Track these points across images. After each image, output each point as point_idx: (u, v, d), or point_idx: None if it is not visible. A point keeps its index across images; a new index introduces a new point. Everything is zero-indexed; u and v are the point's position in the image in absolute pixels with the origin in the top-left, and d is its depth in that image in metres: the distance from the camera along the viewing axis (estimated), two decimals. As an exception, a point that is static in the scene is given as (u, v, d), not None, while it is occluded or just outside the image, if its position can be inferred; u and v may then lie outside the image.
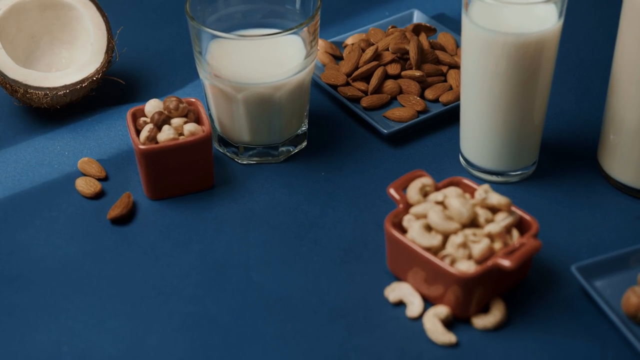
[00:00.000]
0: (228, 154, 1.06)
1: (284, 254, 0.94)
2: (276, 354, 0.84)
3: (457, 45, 1.18)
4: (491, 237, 0.86)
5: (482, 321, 0.86)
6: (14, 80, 1.06)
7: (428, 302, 0.88)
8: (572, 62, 1.19)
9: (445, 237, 0.87)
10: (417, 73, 1.12)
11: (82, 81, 1.08)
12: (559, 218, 0.97)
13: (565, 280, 0.90)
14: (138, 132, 0.99)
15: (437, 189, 0.92)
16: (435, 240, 0.86)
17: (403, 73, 1.13)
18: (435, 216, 0.87)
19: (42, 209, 0.99)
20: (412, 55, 1.13)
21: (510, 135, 0.99)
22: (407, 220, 0.89)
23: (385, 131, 1.06)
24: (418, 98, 1.11)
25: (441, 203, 0.89)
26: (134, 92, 1.15)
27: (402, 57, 1.14)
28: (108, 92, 1.15)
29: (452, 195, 0.89)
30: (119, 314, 0.88)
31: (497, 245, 0.86)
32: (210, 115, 1.05)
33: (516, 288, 0.90)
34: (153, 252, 0.94)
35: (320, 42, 1.18)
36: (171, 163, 0.98)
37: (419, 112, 1.10)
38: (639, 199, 0.99)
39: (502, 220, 0.88)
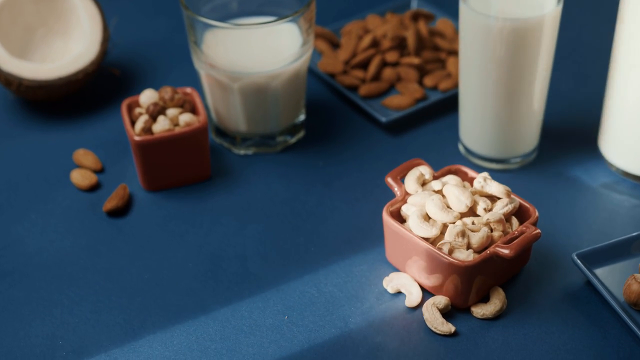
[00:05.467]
0: (225, 144, 1.05)
1: (281, 245, 0.93)
2: (273, 346, 0.83)
3: (456, 32, 1.17)
4: (490, 225, 0.85)
5: (481, 310, 0.85)
6: (8, 73, 1.05)
7: (427, 292, 0.87)
8: (571, 47, 1.18)
9: (444, 226, 0.86)
10: (416, 60, 1.11)
11: (77, 73, 1.07)
12: (560, 205, 0.96)
13: (565, 268, 0.90)
14: (133, 123, 0.98)
15: (435, 177, 0.91)
16: (433, 229, 0.85)
17: (401, 60, 1.12)
18: (433, 205, 0.86)
19: (38, 202, 0.98)
20: (411, 42, 1.12)
21: (509, 122, 0.98)
22: (405, 210, 0.88)
23: (384, 119, 1.05)
24: (417, 85, 1.10)
25: (439, 192, 0.88)
26: (129, 83, 1.14)
27: (400, 44, 1.13)
28: (103, 83, 1.14)
29: (450, 183, 0.88)
30: (114, 307, 0.87)
31: (496, 233, 0.85)
32: (206, 106, 1.04)
33: (516, 277, 0.89)
34: (149, 244, 0.93)
35: (317, 29, 1.17)
36: (167, 154, 0.97)
37: (418, 100, 1.09)
38: (640, 185, 0.98)
39: (501, 209, 0.87)
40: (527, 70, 0.94)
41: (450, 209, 0.86)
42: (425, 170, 0.90)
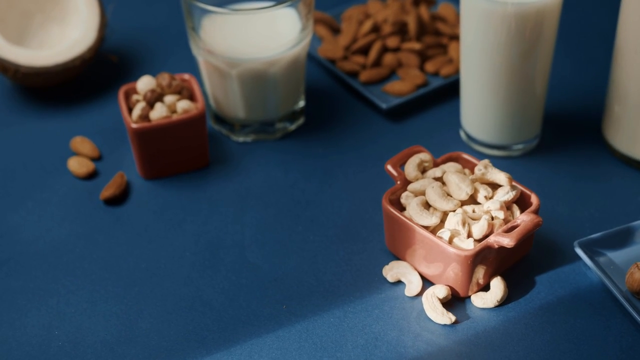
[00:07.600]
0: (223, 131, 1.04)
1: (280, 233, 0.92)
2: (271, 336, 0.82)
3: (458, 17, 1.16)
4: (491, 213, 0.84)
5: (481, 299, 0.84)
6: (5, 60, 1.04)
7: (427, 281, 0.86)
8: (574, 32, 1.17)
9: (444, 214, 0.85)
10: (417, 45, 1.10)
11: (74, 60, 1.06)
12: (562, 192, 0.95)
13: (568, 255, 0.89)
14: (131, 110, 0.97)
15: (436, 164, 0.89)
16: (433, 217, 0.84)
17: (402, 46, 1.10)
18: (433, 193, 0.85)
19: (34, 190, 0.97)
20: (412, 27, 1.10)
21: (511, 108, 0.96)
22: (405, 197, 0.87)
23: (385, 106, 1.04)
24: (418, 71, 1.08)
25: (440, 179, 0.87)
26: (127, 70, 1.13)
27: (401, 30, 1.11)
28: (101, 70, 1.13)
29: (451, 171, 0.87)
30: (111, 297, 0.86)
31: (497, 222, 0.84)
32: (204, 92, 1.03)
33: (517, 265, 0.88)
34: (146, 233, 0.92)
35: (317, 14, 1.16)
36: (165, 142, 0.96)
37: (419, 86, 1.08)
38: (644, 172, 0.97)
39: (502, 196, 0.85)
40: (529, 55, 0.93)
41: (451, 196, 0.85)
42: (425, 157, 0.89)
